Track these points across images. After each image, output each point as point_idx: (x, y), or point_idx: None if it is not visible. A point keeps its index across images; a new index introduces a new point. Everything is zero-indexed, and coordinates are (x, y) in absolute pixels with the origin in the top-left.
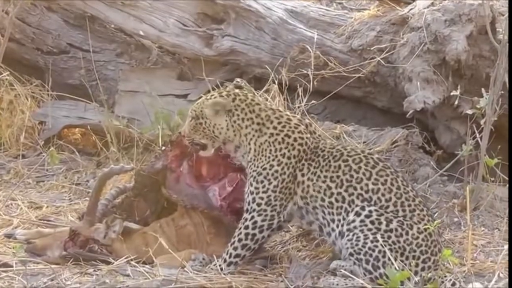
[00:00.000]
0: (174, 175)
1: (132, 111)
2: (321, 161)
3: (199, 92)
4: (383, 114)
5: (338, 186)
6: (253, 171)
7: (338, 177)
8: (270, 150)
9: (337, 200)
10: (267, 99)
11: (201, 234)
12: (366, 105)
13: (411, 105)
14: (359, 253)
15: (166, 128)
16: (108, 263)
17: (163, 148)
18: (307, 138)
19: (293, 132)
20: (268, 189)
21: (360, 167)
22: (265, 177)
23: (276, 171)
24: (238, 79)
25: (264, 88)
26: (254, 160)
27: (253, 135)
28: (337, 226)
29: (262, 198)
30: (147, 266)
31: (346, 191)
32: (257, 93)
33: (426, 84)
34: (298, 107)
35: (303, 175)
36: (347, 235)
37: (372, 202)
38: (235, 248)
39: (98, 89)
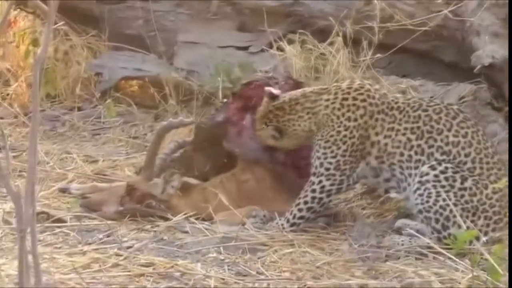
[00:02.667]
0: (236, 129)
1: (192, 63)
2: (396, 114)
3: (260, 44)
4: (450, 69)
5: (419, 138)
6: (319, 140)
7: (418, 128)
8: (332, 119)
9: (416, 153)
10: (331, 53)
11: (263, 189)
12: (432, 60)
13: (478, 60)
14: (429, 211)
15: (226, 80)
16: (166, 219)
17: (224, 100)
18: (367, 91)
19: (348, 93)
20: (337, 154)
21: (440, 118)
22: (333, 143)
23: (345, 136)
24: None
25: (328, 41)
26: (318, 132)
27: (310, 122)
28: (413, 180)
29: (330, 163)
30: (206, 223)
31: (426, 142)
32: (321, 46)
33: (494, 38)
34: (363, 60)
35: (377, 133)
36: (418, 188)
37: (451, 156)
38: (300, 210)
39: (156, 40)
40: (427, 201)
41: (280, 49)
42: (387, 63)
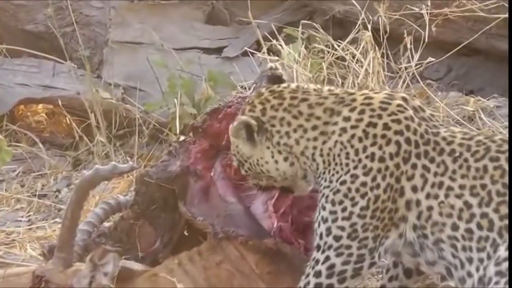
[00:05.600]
0: (201, 184)
1: (131, 75)
2: (448, 161)
3: (241, 44)
4: None
5: (484, 204)
6: (325, 187)
7: (483, 187)
8: (347, 153)
9: (480, 227)
10: (354, 57)
11: (248, 275)
12: None
13: None
14: None
15: (187, 103)
16: None
17: (182, 138)
18: (407, 119)
19: (379, 116)
20: (351, 213)
21: None
22: (345, 195)
23: (364, 184)
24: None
25: (349, 37)
26: (325, 173)
27: (314, 146)
28: (477, 269)
29: (342, 229)
30: None
31: (496, 211)
32: (338, 46)
33: None
34: (405, 68)
35: (415, 189)
36: (496, 282)
37: None
38: None
39: (75, 40)
40: None
41: (272, 51)
42: (444, 71)
